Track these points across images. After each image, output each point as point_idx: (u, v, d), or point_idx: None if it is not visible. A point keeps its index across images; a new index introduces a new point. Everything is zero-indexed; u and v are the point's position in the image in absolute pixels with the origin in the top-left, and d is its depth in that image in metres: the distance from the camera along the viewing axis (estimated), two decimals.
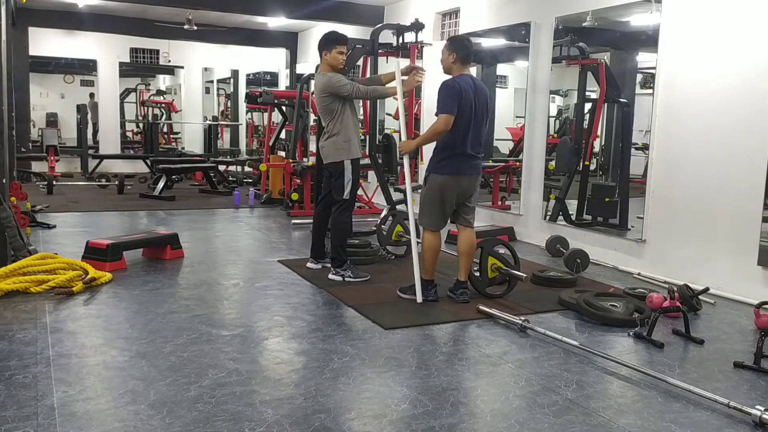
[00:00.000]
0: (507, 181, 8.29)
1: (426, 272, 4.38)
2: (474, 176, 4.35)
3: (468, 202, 4.40)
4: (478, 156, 4.34)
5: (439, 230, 4.41)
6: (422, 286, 4.36)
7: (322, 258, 5.22)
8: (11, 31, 7.76)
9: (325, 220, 5.13)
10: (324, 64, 4.90)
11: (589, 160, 6.70)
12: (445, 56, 4.30)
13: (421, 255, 4.40)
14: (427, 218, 4.36)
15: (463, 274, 4.40)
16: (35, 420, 2.50)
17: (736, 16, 4.71)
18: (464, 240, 4.40)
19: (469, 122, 4.18)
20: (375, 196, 8.56)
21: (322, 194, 5.27)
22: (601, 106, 6.56)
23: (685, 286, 4.42)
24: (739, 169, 4.68)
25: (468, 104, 4.15)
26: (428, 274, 4.38)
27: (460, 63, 4.25)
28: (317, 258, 5.23)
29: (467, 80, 4.20)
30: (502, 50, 8.30)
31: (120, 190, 9.71)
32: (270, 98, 9.45)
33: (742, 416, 2.73)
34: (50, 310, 3.94)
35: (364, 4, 9.51)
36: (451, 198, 4.31)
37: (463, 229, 4.44)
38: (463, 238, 4.41)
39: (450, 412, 2.73)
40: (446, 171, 4.25)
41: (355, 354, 3.36)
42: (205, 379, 2.96)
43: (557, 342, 3.60)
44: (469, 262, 4.40)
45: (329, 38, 4.90)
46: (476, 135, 4.26)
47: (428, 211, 4.36)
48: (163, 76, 16.74)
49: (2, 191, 5.01)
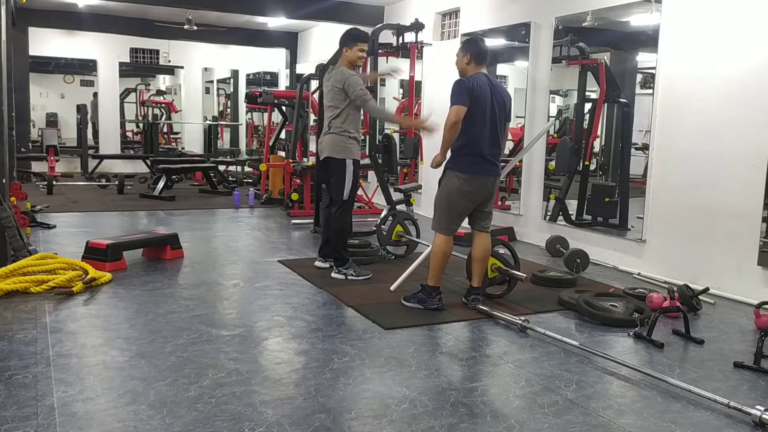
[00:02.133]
0: (507, 181, 8.29)
1: (432, 278, 4.20)
2: (491, 178, 4.16)
3: (485, 207, 4.24)
4: (496, 159, 4.15)
5: (450, 235, 4.22)
6: (426, 293, 4.20)
7: (330, 257, 5.15)
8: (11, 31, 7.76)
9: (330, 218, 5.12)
10: (344, 59, 4.91)
11: (589, 160, 6.70)
12: (459, 58, 4.18)
13: (429, 259, 4.25)
14: (438, 221, 4.19)
15: (476, 280, 4.26)
16: (35, 420, 2.50)
17: (736, 16, 4.72)
18: (479, 245, 4.25)
19: (484, 121, 4.02)
20: (375, 196, 8.56)
21: (325, 192, 5.27)
22: (601, 106, 6.57)
23: (685, 286, 4.42)
24: (739, 169, 4.68)
25: (483, 101, 4.00)
26: (434, 280, 4.20)
27: (475, 62, 4.11)
28: (326, 257, 5.18)
29: (482, 78, 4.06)
30: (502, 50, 8.29)
31: (120, 190, 9.71)
32: (270, 98, 9.45)
33: (742, 416, 2.72)
34: (50, 310, 3.94)
35: (364, 4, 9.51)
36: (466, 201, 4.15)
37: (478, 234, 4.28)
38: (477, 243, 4.26)
39: (450, 412, 2.73)
40: (464, 170, 4.07)
41: (355, 354, 3.36)
42: (205, 379, 2.96)
43: (557, 342, 3.60)
44: (483, 268, 4.28)
45: (353, 35, 4.90)
46: (493, 136, 4.09)
47: (440, 214, 4.19)
48: (163, 76, 16.73)
49: (2, 191, 5.01)
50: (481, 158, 4.07)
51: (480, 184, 4.13)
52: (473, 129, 4.02)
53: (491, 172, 4.15)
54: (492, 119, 4.07)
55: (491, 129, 4.08)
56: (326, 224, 5.21)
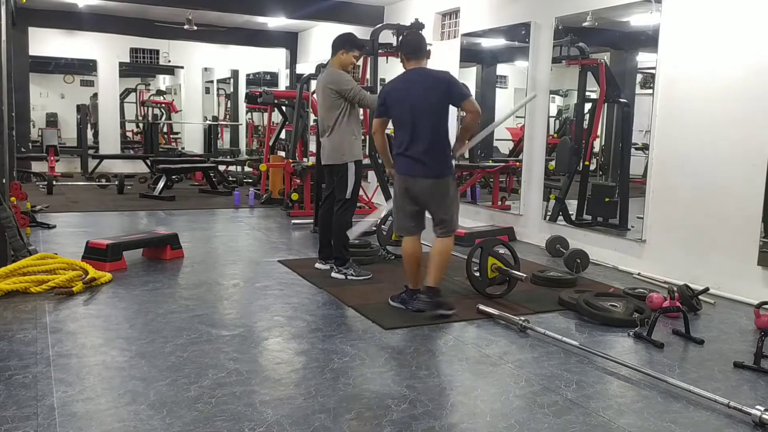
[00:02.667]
0: (507, 181, 8.29)
1: (408, 281, 4.20)
2: (419, 179, 3.98)
3: (432, 210, 4.08)
4: (428, 157, 3.95)
5: (409, 235, 4.14)
6: (408, 295, 4.16)
7: (330, 258, 5.14)
8: (11, 31, 7.75)
9: (329, 220, 5.12)
10: (337, 60, 4.93)
11: (589, 160, 6.70)
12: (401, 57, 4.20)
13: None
14: (395, 224, 4.20)
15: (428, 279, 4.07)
16: (35, 420, 2.50)
17: (736, 15, 4.71)
18: (433, 247, 4.12)
19: (405, 123, 3.99)
20: (375, 196, 8.56)
21: (324, 194, 5.28)
22: (601, 106, 6.56)
23: (685, 286, 4.42)
24: (739, 169, 4.68)
25: (400, 104, 3.99)
26: (411, 283, 4.17)
27: (407, 59, 4.09)
28: (326, 259, 5.18)
29: (402, 78, 4.07)
30: (502, 50, 8.30)
31: (120, 190, 9.71)
32: (270, 98, 9.46)
33: (742, 416, 2.72)
34: (50, 310, 3.94)
35: (364, 4, 9.50)
36: (407, 201, 4.08)
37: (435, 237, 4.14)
38: (433, 245, 4.15)
39: (450, 412, 2.73)
40: (399, 170, 4.08)
41: (355, 354, 3.36)
42: (205, 379, 2.96)
43: (557, 342, 3.60)
44: (432, 268, 4.04)
45: (351, 41, 4.95)
46: (418, 135, 3.95)
47: (394, 213, 4.24)
48: (163, 76, 16.74)
49: (2, 191, 5.01)
50: (411, 159, 3.99)
51: (412, 183, 4.03)
52: (399, 132, 4.07)
53: (421, 173, 3.98)
54: (413, 119, 3.96)
55: (413, 129, 3.97)
56: (325, 226, 5.22)
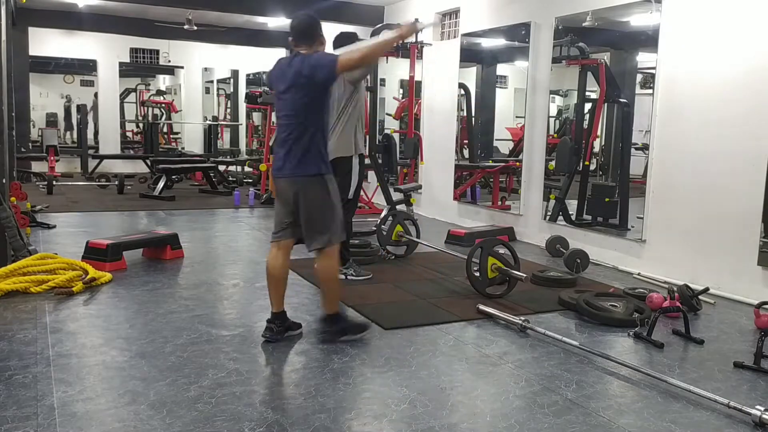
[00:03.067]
0: (507, 181, 8.30)
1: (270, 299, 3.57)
2: (280, 180, 3.49)
3: (302, 219, 3.45)
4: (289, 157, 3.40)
5: (276, 241, 3.56)
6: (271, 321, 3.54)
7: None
8: (11, 31, 7.76)
9: None
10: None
11: (589, 160, 6.70)
12: None
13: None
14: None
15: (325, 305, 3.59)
16: (35, 420, 2.50)
17: (736, 15, 4.71)
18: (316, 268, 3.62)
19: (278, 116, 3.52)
20: (375, 196, 8.56)
21: None
22: (601, 106, 6.57)
23: (685, 286, 4.42)
24: (739, 169, 4.68)
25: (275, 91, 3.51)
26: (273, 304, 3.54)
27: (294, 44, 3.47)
28: None
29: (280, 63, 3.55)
30: (502, 50, 8.31)
31: (120, 190, 9.71)
32: (270, 98, 9.44)
33: (742, 416, 2.72)
34: (50, 310, 3.94)
35: (364, 4, 9.51)
36: (279, 203, 3.60)
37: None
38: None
39: (450, 412, 2.73)
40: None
41: (355, 354, 3.36)
42: (205, 379, 2.96)
43: (557, 342, 3.60)
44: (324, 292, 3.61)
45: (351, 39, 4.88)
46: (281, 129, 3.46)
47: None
48: (163, 76, 16.72)
49: (2, 191, 5.01)
50: (277, 156, 3.50)
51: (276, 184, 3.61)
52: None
53: (279, 174, 3.48)
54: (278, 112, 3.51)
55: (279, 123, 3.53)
56: None
